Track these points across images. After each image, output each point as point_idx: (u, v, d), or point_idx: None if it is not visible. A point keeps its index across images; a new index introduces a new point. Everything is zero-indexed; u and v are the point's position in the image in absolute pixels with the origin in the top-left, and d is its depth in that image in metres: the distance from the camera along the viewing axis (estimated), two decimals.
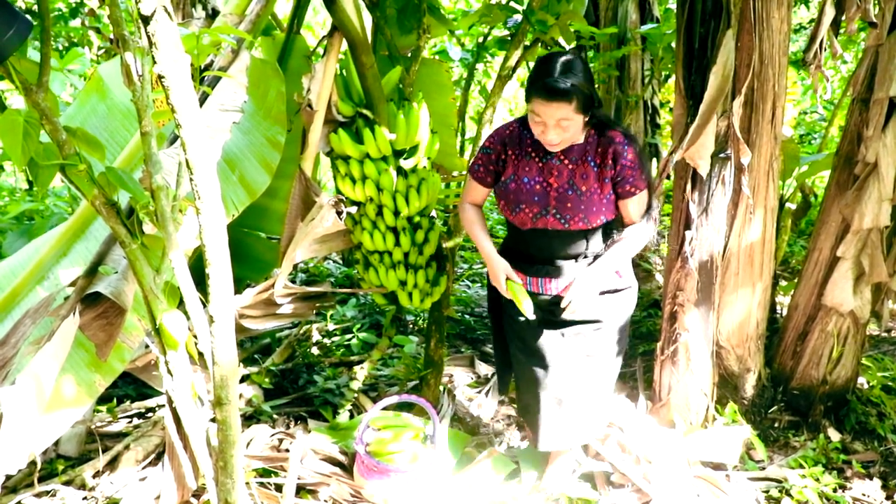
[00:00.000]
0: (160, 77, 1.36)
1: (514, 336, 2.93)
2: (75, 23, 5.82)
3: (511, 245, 2.85)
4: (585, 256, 2.71)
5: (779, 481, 3.18)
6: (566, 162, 2.59)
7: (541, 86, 2.39)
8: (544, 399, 2.85)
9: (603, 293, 2.75)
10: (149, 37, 1.32)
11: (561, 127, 2.42)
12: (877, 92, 3.29)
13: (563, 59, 2.42)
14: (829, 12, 3.30)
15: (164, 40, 1.32)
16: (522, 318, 2.77)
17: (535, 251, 2.73)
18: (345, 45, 2.92)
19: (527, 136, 2.64)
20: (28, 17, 1.65)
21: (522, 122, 2.67)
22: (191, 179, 1.43)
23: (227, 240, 1.55)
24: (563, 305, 2.65)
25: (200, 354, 1.89)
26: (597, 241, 2.69)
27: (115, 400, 3.63)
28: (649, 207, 2.72)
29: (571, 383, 2.81)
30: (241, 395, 3.63)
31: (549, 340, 2.79)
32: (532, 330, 2.82)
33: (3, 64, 1.62)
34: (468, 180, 2.86)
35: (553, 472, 3.08)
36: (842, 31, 3.38)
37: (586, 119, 2.49)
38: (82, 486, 2.85)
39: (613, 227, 2.73)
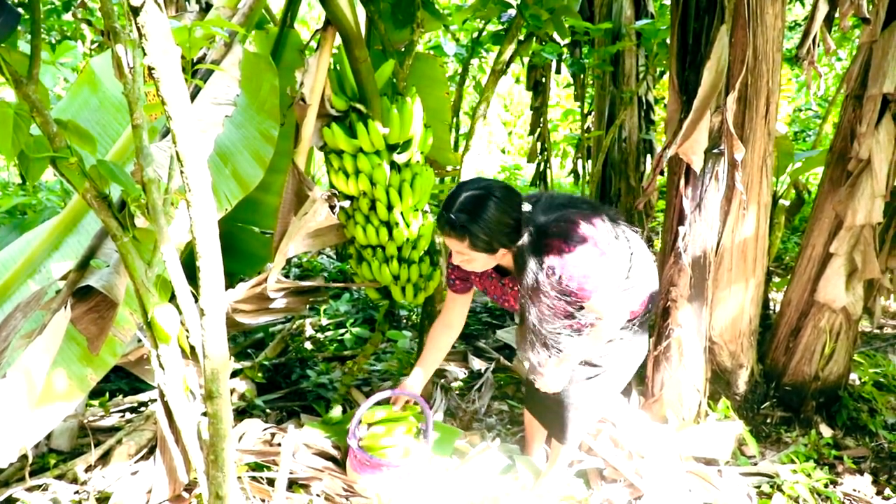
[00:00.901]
0: (150, 69, 1.35)
1: None
2: (68, 16, 5.79)
3: None
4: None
5: (770, 477, 3.20)
6: (514, 288, 2.67)
7: (438, 216, 2.46)
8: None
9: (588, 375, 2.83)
10: (138, 28, 1.31)
11: (462, 258, 2.49)
12: (870, 88, 3.30)
13: (470, 194, 2.39)
14: (823, 8, 3.30)
15: (153, 31, 1.31)
16: None
17: None
18: (338, 40, 2.91)
19: None
20: (18, 8, 1.63)
21: None
22: (181, 172, 1.42)
23: (217, 232, 1.54)
24: (536, 386, 2.81)
25: (192, 348, 1.89)
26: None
27: (107, 394, 3.62)
28: None
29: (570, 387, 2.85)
30: (233, 390, 3.63)
31: None
32: None
33: None
34: (448, 297, 2.98)
35: (551, 474, 3.08)
36: (835, 27, 3.38)
37: (501, 254, 2.47)
38: (74, 481, 2.85)
39: None
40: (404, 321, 5.16)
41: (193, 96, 2.37)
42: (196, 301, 1.65)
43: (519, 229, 2.43)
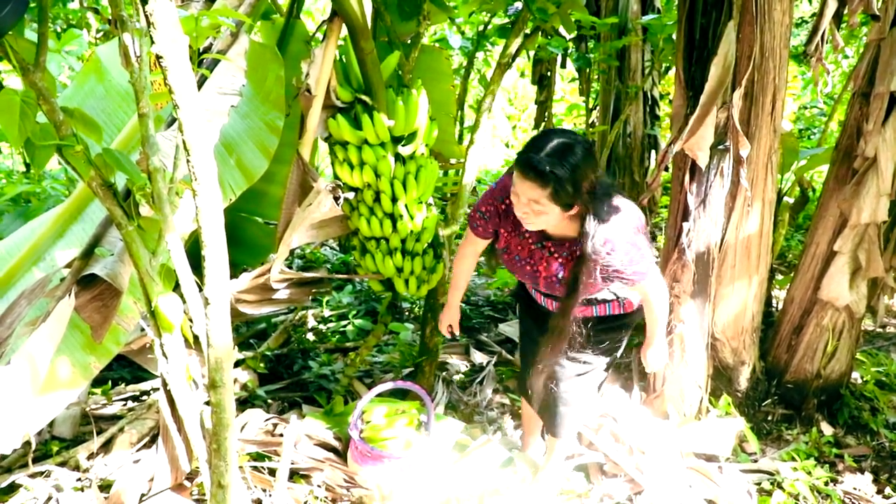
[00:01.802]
0: (158, 57, 1.35)
1: (525, 317, 3.08)
2: (74, 5, 5.79)
3: None
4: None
5: (771, 474, 3.20)
6: (555, 255, 2.46)
7: (522, 158, 2.23)
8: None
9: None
10: (147, 16, 1.31)
11: (532, 209, 2.25)
12: (877, 86, 3.29)
13: (559, 141, 2.21)
14: (832, 4, 3.29)
15: (162, 19, 1.31)
16: (534, 319, 2.94)
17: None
18: (344, 31, 2.90)
19: None
20: None
21: None
22: (188, 161, 1.42)
23: (223, 222, 1.54)
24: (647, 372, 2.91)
25: (195, 337, 1.89)
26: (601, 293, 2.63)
27: (109, 382, 3.63)
28: None
29: (559, 383, 2.85)
30: (235, 380, 3.63)
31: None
32: (537, 330, 2.85)
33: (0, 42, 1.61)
34: (468, 232, 2.77)
35: (549, 468, 3.08)
36: (844, 23, 3.37)
37: (570, 213, 2.28)
38: (76, 468, 2.86)
39: None
40: (407, 313, 5.16)
41: (199, 86, 2.37)
42: (200, 290, 1.65)
43: (595, 190, 2.26)
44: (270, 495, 2.71)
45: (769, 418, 3.66)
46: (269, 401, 3.63)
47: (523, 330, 3.15)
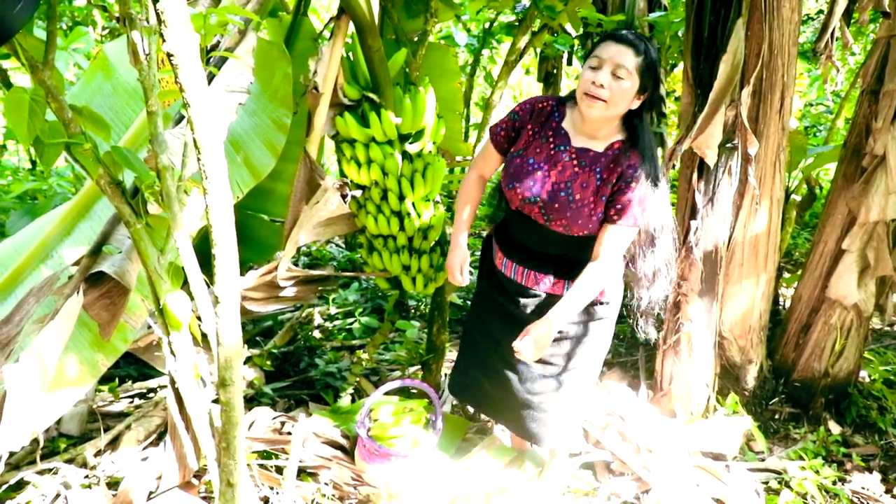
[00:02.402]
0: (169, 55, 1.34)
1: (478, 316, 2.92)
2: (80, 2, 5.79)
3: (502, 225, 2.80)
4: (562, 262, 2.57)
5: (778, 473, 3.19)
6: (574, 161, 2.42)
7: (613, 32, 2.31)
8: (498, 390, 2.83)
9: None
10: (158, 14, 1.31)
11: (616, 76, 2.25)
12: (887, 83, 3.28)
13: (640, 35, 2.33)
14: (842, 2, 3.27)
15: (173, 18, 1.31)
16: (492, 301, 2.79)
17: (516, 233, 2.65)
18: (352, 28, 2.90)
19: (555, 118, 2.51)
20: None
21: (559, 102, 2.55)
22: (198, 159, 1.42)
23: (233, 220, 1.54)
24: (515, 352, 2.46)
25: (203, 335, 1.89)
26: (578, 251, 2.52)
27: (116, 380, 3.64)
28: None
29: (525, 384, 2.74)
30: (242, 378, 3.63)
31: (509, 335, 2.61)
32: (495, 319, 2.78)
33: (10, 40, 1.61)
34: (485, 144, 2.73)
35: (553, 470, 3.07)
36: (853, 21, 3.35)
37: (637, 102, 2.35)
38: (84, 465, 2.86)
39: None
40: (413, 311, 5.16)
41: (207, 83, 2.37)
42: (209, 288, 1.65)
43: (653, 102, 2.41)
44: (278, 493, 2.71)
45: (777, 417, 3.65)
46: (276, 399, 3.63)
47: (480, 321, 2.92)
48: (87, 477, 2.80)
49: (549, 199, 2.42)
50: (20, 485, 2.70)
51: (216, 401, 1.80)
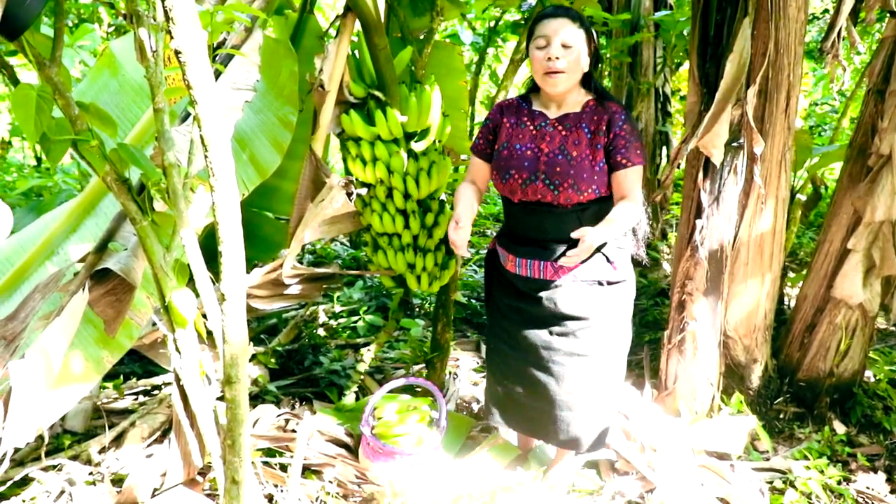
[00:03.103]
0: (177, 52, 1.34)
1: (500, 329, 2.89)
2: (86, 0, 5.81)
3: (505, 228, 2.81)
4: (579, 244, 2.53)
5: (783, 472, 3.18)
6: (559, 128, 2.58)
7: (543, 11, 2.54)
8: (530, 396, 2.82)
9: (595, 283, 2.65)
10: (166, 11, 1.31)
11: (565, 46, 2.45)
12: (893, 83, 3.26)
13: (562, 6, 2.56)
14: (849, 1, 3.26)
15: (181, 15, 1.31)
16: (511, 310, 2.80)
17: (526, 229, 2.66)
18: (358, 27, 2.90)
19: (524, 106, 2.69)
20: None
21: (521, 97, 2.73)
22: (205, 156, 1.42)
23: (240, 217, 1.54)
24: (574, 236, 2.46)
25: (209, 333, 1.89)
26: (594, 223, 2.51)
27: (121, 377, 3.65)
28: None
29: (563, 384, 2.73)
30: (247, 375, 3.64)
31: (536, 337, 2.71)
32: (518, 326, 2.77)
33: (22, 34, 1.61)
34: (471, 159, 2.84)
35: (558, 469, 3.06)
36: (860, 20, 3.34)
37: (589, 67, 2.57)
38: (88, 462, 2.87)
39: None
40: (417, 310, 5.17)
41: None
42: (214, 285, 1.65)
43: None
44: (282, 491, 2.71)
45: (781, 416, 3.64)
46: (280, 396, 3.63)
47: (502, 330, 2.88)
48: (91, 474, 2.80)
49: (548, 168, 2.54)
50: (25, 481, 2.70)
51: (221, 398, 1.80)
